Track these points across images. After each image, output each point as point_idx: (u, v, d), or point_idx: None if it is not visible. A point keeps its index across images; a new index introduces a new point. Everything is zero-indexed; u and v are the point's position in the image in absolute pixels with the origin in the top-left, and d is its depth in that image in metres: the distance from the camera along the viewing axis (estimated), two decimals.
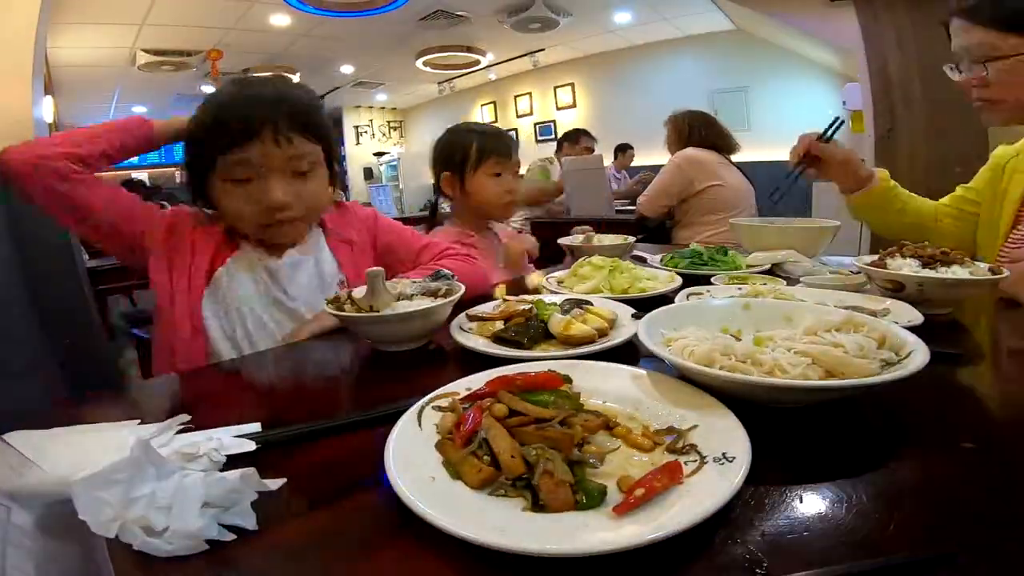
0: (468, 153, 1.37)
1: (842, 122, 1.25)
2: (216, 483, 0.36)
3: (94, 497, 0.31)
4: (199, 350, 0.86)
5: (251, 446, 0.46)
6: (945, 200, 1.26)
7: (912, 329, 0.54)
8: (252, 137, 0.84)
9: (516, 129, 7.99)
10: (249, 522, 0.36)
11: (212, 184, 0.89)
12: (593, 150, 3.57)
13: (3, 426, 0.56)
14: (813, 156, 1.22)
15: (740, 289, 0.88)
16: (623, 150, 5.63)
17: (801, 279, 0.98)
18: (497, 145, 1.38)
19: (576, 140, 3.53)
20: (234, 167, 0.85)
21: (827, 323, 0.55)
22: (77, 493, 0.31)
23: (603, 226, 1.83)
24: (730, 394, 0.46)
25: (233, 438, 0.47)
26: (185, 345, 0.85)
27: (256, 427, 0.50)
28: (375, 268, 0.74)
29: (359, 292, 0.76)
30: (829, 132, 1.24)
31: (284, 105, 0.87)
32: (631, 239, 1.42)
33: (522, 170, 2.54)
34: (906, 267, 0.81)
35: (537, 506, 0.35)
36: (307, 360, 0.80)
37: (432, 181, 1.47)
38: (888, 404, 0.51)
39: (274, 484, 0.38)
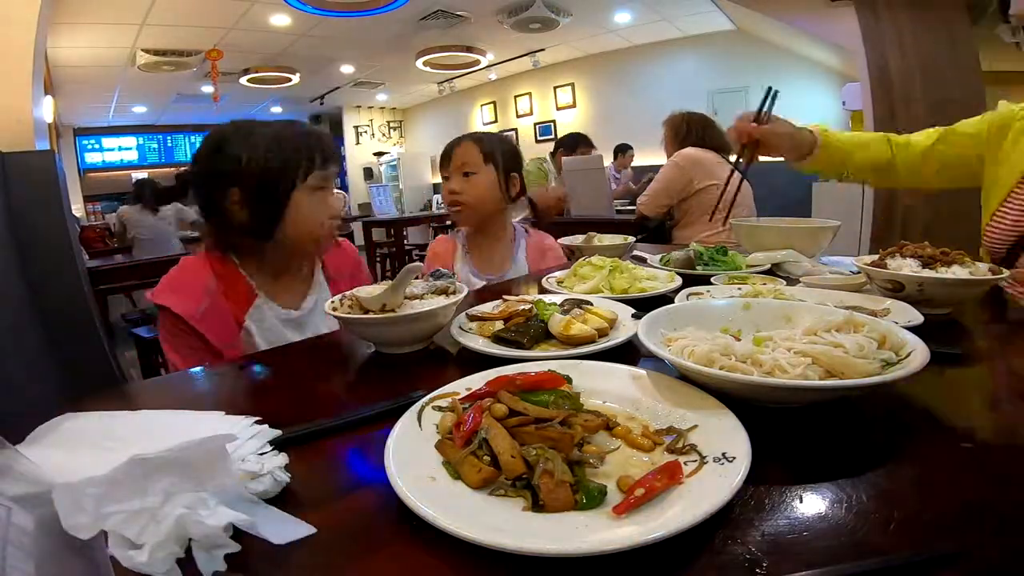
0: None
1: (776, 92, 1.20)
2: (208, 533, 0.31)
3: (74, 500, 0.30)
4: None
5: (266, 448, 0.46)
6: (930, 139, 1.22)
7: (912, 329, 0.54)
8: (330, 160, 1.00)
9: (516, 129, 7.99)
10: (211, 567, 0.31)
11: (297, 197, 0.96)
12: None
13: (3, 425, 0.57)
14: (754, 140, 1.20)
15: (740, 289, 0.88)
16: (623, 151, 5.63)
17: (801, 279, 0.98)
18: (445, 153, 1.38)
19: (573, 149, 3.49)
20: (324, 180, 0.99)
21: (827, 323, 0.54)
22: (58, 498, 0.30)
23: (603, 226, 1.83)
24: (730, 394, 0.46)
25: (250, 440, 0.47)
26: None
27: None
28: (415, 264, 0.76)
29: (363, 292, 0.76)
30: (765, 107, 1.19)
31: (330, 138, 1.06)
32: (631, 239, 1.41)
33: None
34: (906, 267, 0.81)
35: (537, 506, 0.35)
36: (307, 361, 0.80)
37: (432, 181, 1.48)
38: (888, 404, 0.51)
39: (298, 532, 0.35)
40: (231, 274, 0.99)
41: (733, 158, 1.38)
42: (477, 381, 0.52)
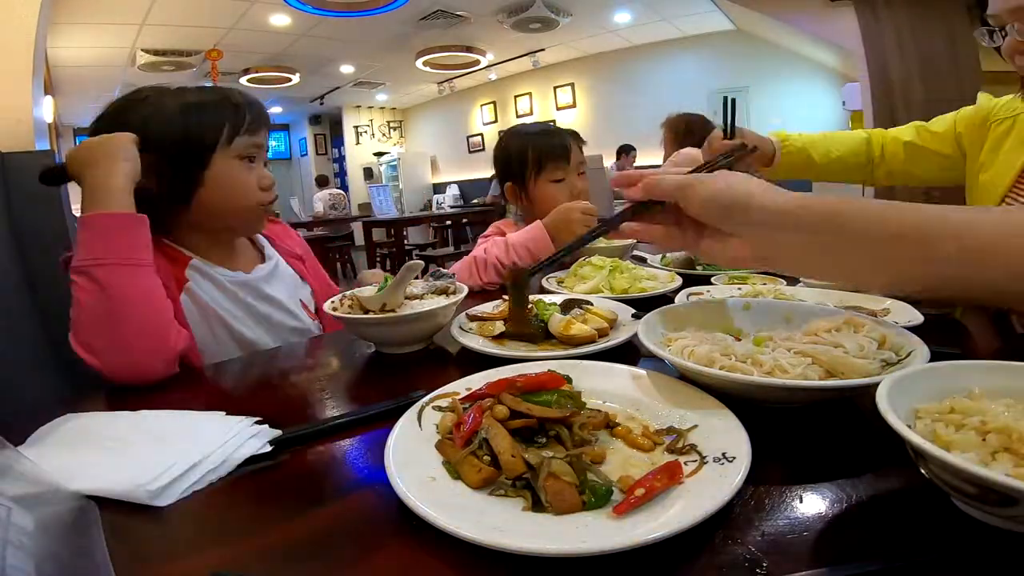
0: (525, 161, 1.34)
1: (734, 101, 1.11)
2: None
3: None
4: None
5: (265, 447, 0.47)
6: (907, 134, 1.21)
7: (912, 329, 0.54)
8: (260, 125, 0.92)
9: None
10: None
11: (215, 164, 0.87)
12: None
13: (3, 425, 0.57)
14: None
15: (740, 289, 0.89)
16: (626, 151, 5.64)
17: (802, 279, 0.98)
18: (552, 147, 1.33)
19: None
20: (250, 147, 0.90)
21: (827, 323, 0.55)
22: None
23: None
24: (730, 394, 0.46)
25: (250, 440, 0.47)
26: None
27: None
28: (415, 262, 0.75)
29: (363, 292, 0.76)
30: (728, 120, 1.11)
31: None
32: (633, 240, 1.41)
33: None
34: None
35: (537, 506, 0.35)
36: (307, 361, 0.80)
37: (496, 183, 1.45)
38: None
39: None
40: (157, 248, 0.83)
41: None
42: (477, 381, 0.52)
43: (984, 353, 0.74)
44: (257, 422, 0.49)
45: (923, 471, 0.34)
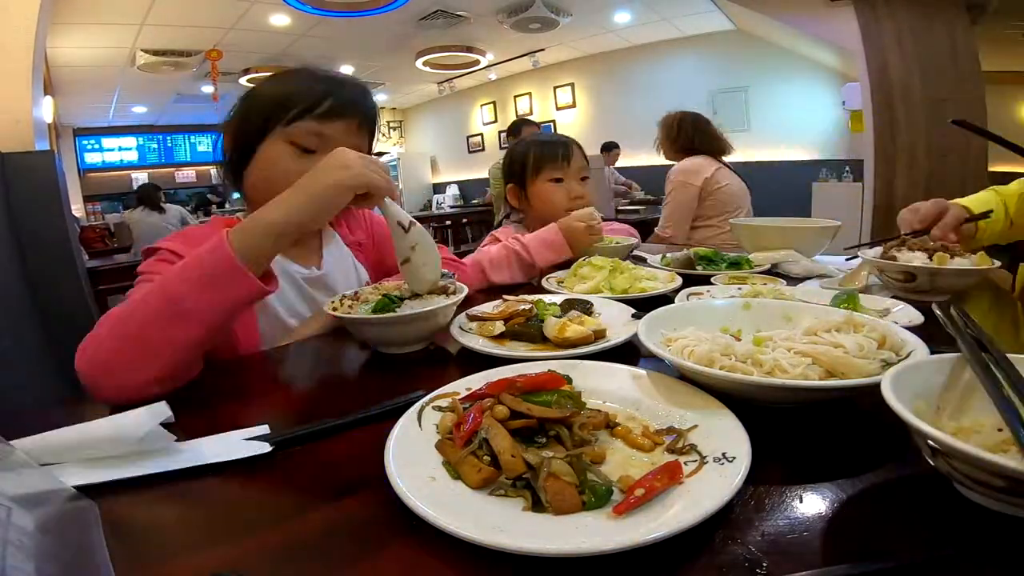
0: (525, 162, 1.41)
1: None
2: None
3: None
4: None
5: (266, 448, 0.46)
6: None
7: (912, 329, 0.54)
8: (341, 115, 0.84)
9: None
10: None
11: (265, 145, 0.83)
12: None
13: (3, 425, 0.57)
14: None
15: (740, 289, 0.89)
16: (608, 148, 5.58)
17: (806, 280, 0.98)
18: (552, 151, 1.39)
19: (518, 132, 3.46)
20: (310, 135, 0.83)
21: (827, 323, 0.54)
22: None
23: None
24: (730, 394, 0.46)
25: (245, 441, 0.47)
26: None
27: (264, 429, 0.50)
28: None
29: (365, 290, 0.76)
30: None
31: (370, 101, 0.91)
32: (636, 240, 1.42)
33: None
34: (916, 259, 0.86)
35: (537, 506, 0.35)
36: (307, 361, 0.80)
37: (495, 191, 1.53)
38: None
39: None
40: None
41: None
42: (477, 381, 0.52)
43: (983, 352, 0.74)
44: (259, 437, 0.49)
45: (936, 465, 0.34)
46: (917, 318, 0.69)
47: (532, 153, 1.40)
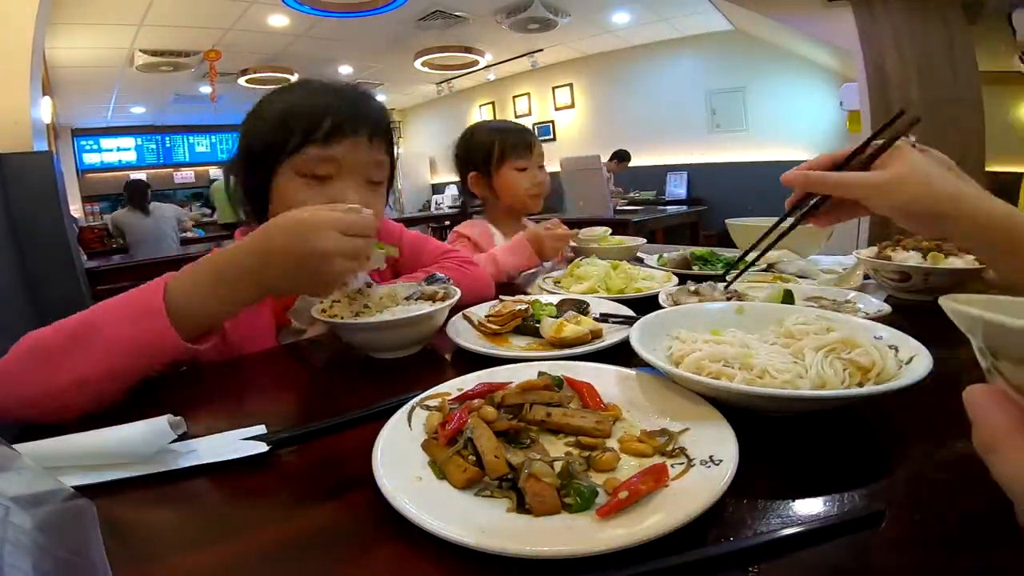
0: (491, 151, 1.42)
1: None
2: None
3: None
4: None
5: (262, 447, 0.47)
6: None
7: (911, 326, 0.53)
8: (345, 133, 0.77)
9: None
10: None
11: (278, 180, 0.77)
12: None
13: (2, 425, 0.57)
14: None
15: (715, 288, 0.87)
16: (622, 158, 5.56)
17: (806, 280, 0.98)
18: (517, 140, 1.43)
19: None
20: (319, 163, 0.76)
21: (818, 341, 0.51)
22: None
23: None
24: (723, 403, 0.46)
25: (241, 441, 0.48)
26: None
27: (261, 428, 0.50)
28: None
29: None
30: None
31: (375, 107, 0.82)
32: (641, 240, 1.42)
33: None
34: (910, 259, 0.88)
35: (522, 507, 0.35)
36: (305, 362, 0.81)
37: (456, 179, 1.53)
38: (885, 406, 0.50)
39: None
40: None
41: None
42: (470, 381, 0.52)
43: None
44: (255, 437, 0.49)
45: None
46: (884, 308, 0.69)
47: (497, 142, 1.42)
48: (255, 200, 0.81)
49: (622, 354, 0.65)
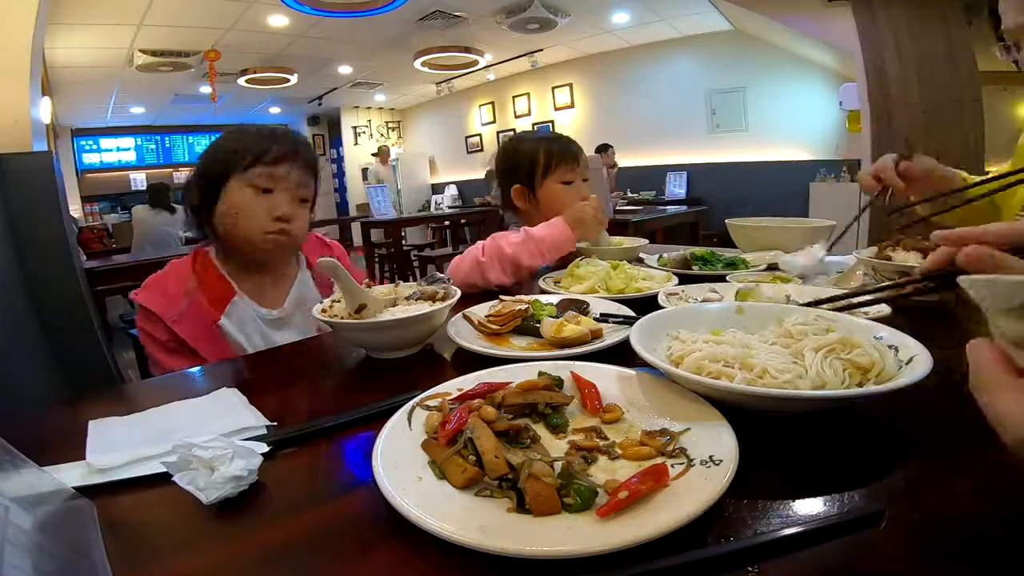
0: (535, 162, 1.35)
1: None
2: None
3: None
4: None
5: (263, 448, 0.47)
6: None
7: (912, 325, 0.53)
8: (284, 160, 0.99)
9: (514, 129, 7.99)
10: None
11: (229, 190, 0.97)
12: None
13: (2, 426, 0.57)
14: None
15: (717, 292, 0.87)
16: (603, 150, 5.55)
17: (808, 278, 0.98)
18: (564, 150, 1.36)
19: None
20: (265, 179, 0.98)
21: (816, 342, 0.51)
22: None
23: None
24: (723, 403, 0.46)
25: (242, 441, 0.48)
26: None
27: (261, 428, 0.50)
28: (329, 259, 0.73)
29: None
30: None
31: (305, 144, 1.07)
32: (643, 241, 1.42)
33: None
34: (911, 259, 0.86)
35: (522, 507, 0.35)
36: (305, 362, 0.81)
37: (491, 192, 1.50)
38: (884, 406, 0.50)
39: None
40: (211, 274, 0.99)
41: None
42: (470, 381, 0.52)
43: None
44: (255, 437, 0.49)
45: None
46: (884, 310, 0.68)
47: (542, 152, 1.34)
48: (198, 213, 1.01)
49: (622, 354, 0.65)
